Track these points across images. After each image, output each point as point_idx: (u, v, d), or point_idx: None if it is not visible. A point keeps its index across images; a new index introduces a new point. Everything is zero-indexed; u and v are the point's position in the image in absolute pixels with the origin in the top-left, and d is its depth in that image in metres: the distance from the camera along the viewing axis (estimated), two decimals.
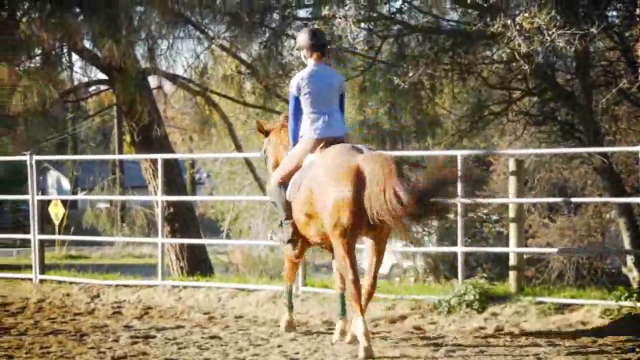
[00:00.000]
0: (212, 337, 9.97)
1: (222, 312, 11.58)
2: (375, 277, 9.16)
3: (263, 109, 17.05)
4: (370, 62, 15.32)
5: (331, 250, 9.51)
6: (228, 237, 28.41)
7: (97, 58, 15.13)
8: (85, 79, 16.77)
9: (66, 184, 55.53)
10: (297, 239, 9.78)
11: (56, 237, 27.86)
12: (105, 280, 13.14)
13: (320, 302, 11.27)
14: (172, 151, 17.33)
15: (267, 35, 15.24)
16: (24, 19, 14.78)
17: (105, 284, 12.99)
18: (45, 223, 14.21)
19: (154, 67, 15.43)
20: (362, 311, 8.88)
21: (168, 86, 17.38)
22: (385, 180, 8.58)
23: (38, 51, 14.84)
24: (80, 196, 39.62)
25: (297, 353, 9.10)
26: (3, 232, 24.31)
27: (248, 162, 18.91)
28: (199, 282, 12.70)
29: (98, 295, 12.63)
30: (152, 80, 16.34)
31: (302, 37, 9.84)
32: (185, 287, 12.54)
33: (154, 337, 10.05)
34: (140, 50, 15.30)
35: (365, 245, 9.46)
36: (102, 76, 16.23)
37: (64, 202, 36.57)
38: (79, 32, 14.30)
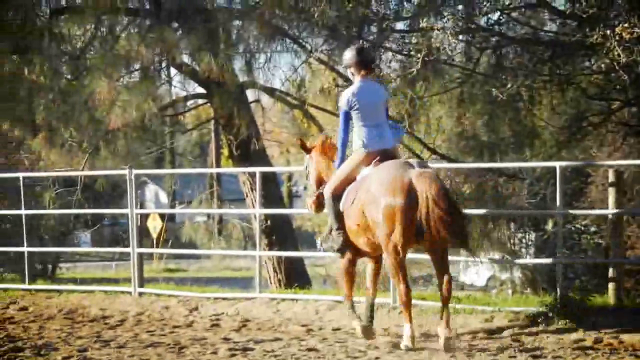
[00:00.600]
0: (309, 350, 9.93)
1: (319, 324, 11.55)
2: (448, 283, 9.62)
3: None
4: (468, 74, 15.18)
5: (376, 261, 10.45)
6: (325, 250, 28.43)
7: (196, 72, 15.27)
8: (184, 93, 16.95)
9: (164, 198, 56.19)
10: (347, 248, 10.32)
11: (154, 250, 28.21)
12: (204, 293, 13.23)
13: (418, 314, 11.16)
14: (270, 164, 17.38)
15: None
16: (123, 35, 14.97)
17: (204, 296, 13.07)
18: (144, 236, 14.36)
19: (252, 81, 15.51)
20: (411, 318, 9.64)
21: (265, 99, 17.44)
22: (433, 196, 9.33)
23: (137, 66, 15.02)
24: (178, 209, 40.03)
25: None
26: (102, 245, 24.66)
27: None
28: (296, 295, 12.71)
29: (196, 308, 12.69)
30: (250, 94, 16.43)
31: (349, 55, 10.38)
32: (283, 300, 12.56)
33: (252, 349, 10.05)
34: (238, 64, 15.38)
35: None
36: (200, 90, 16.38)
37: (161, 215, 37.10)
38: (177, 46, 14.43)
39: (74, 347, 10.52)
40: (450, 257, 9.88)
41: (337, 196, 10.29)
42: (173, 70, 16.31)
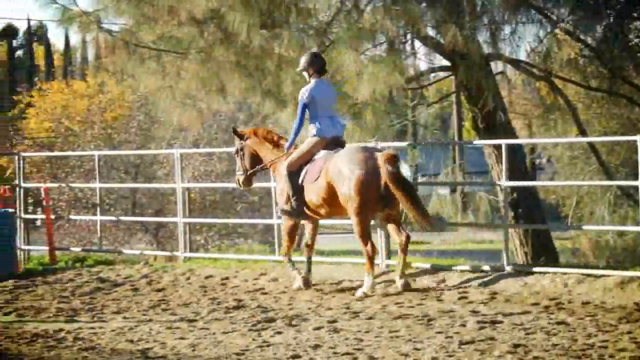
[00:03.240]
0: (559, 323, 9.79)
1: (568, 297, 11.34)
2: (407, 238, 12.26)
3: (607, 92, 16.55)
4: None
5: (315, 224, 13.13)
6: (572, 223, 27.82)
7: (440, 44, 15.19)
8: (428, 66, 16.90)
9: (406, 171, 56.42)
10: (302, 214, 12.71)
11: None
12: (451, 266, 13.22)
13: None
14: (516, 136, 17.09)
15: (611, 18, 14.76)
16: (367, 8, 15.06)
17: (451, 269, 13.07)
18: None
19: (497, 53, 15.31)
20: (373, 270, 12.25)
21: (509, 71, 17.16)
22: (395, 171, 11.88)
23: (382, 39, 15.08)
24: (422, 182, 40.06)
25: None
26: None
27: (592, 147, 18.34)
28: (544, 268, 12.52)
29: (444, 280, 12.69)
30: (494, 66, 16.20)
31: (305, 60, 12.64)
32: (530, 273, 12.40)
33: (500, 322, 9.99)
34: (482, 36, 15.21)
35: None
36: (444, 63, 16.30)
37: None
38: (422, 19, 14.40)
39: (324, 318, 10.74)
40: None
41: (293, 172, 12.64)
42: (417, 43, 16.31)
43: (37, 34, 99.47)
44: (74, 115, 31.35)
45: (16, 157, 18.25)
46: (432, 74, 18.28)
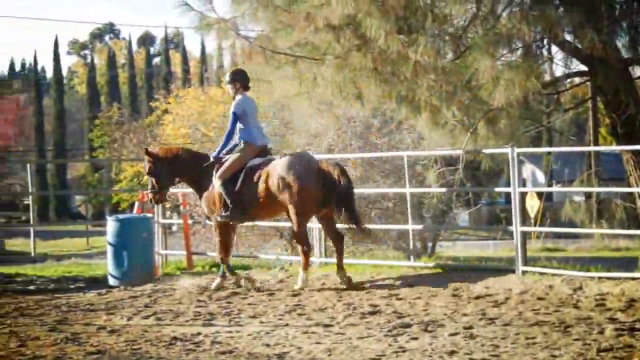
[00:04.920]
0: None
1: None
2: (342, 239, 14.01)
3: None
4: None
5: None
6: None
7: (577, 50, 14.96)
8: (564, 71, 16.64)
9: (541, 177, 55.73)
10: (240, 218, 14.02)
11: (536, 229, 28.08)
12: (588, 273, 13.02)
13: None
14: None
15: None
16: (504, 13, 14.92)
17: (588, 276, 12.87)
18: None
19: (636, 57, 14.99)
20: (306, 267, 13.86)
21: None
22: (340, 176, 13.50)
23: (518, 44, 14.92)
24: (557, 189, 39.54)
25: None
26: (479, 224, 24.76)
27: None
28: None
29: (580, 287, 12.50)
30: (634, 71, 15.87)
31: (231, 75, 14.28)
32: None
33: (639, 330, 9.81)
34: (621, 40, 14.91)
35: None
36: (581, 68, 16.03)
37: (539, 194, 36.83)
38: (559, 23, 14.19)
39: (459, 323, 10.71)
40: None
41: (227, 179, 13.77)
42: (554, 48, 16.08)
43: (173, 41, 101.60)
44: (209, 121, 31.88)
45: None
46: (568, 80, 17.99)
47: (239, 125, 14.05)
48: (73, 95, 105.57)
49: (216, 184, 13.95)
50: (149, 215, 16.73)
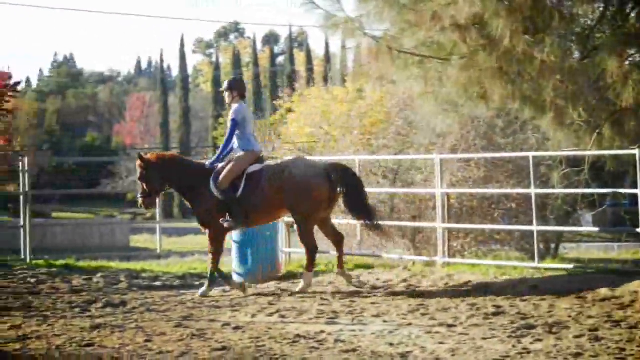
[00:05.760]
0: None
1: None
2: (342, 239, 14.64)
3: None
4: None
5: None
6: None
7: None
8: None
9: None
10: (242, 223, 14.16)
11: None
12: None
13: None
14: None
15: None
16: (632, 13, 14.66)
17: None
18: None
19: None
20: (311, 270, 14.31)
21: None
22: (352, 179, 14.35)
23: None
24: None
25: None
26: (603, 226, 24.34)
27: None
28: None
29: None
30: None
31: (228, 84, 14.46)
32: None
33: None
34: None
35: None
36: None
37: None
38: None
39: (584, 326, 10.59)
40: None
41: (227, 186, 13.98)
42: None
43: (297, 40, 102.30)
44: (333, 120, 32.00)
45: None
46: None
47: (236, 133, 14.24)
48: (198, 94, 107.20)
49: (216, 191, 14.09)
50: None
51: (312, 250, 14.28)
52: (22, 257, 17.68)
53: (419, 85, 14.24)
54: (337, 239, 14.57)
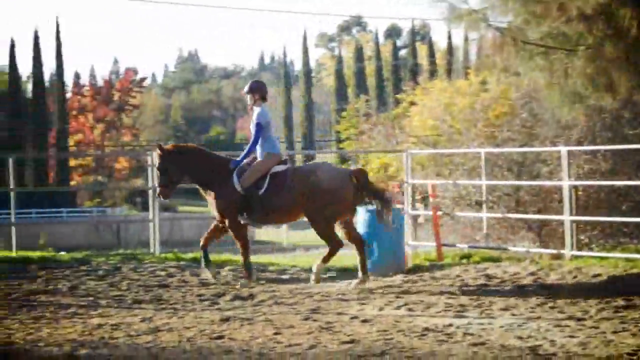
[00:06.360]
0: None
1: None
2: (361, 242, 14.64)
3: None
4: None
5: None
6: None
7: None
8: None
9: None
10: (262, 222, 14.72)
11: None
12: None
13: None
14: None
15: None
16: None
17: None
18: None
19: None
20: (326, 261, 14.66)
21: None
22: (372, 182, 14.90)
23: None
24: None
25: None
26: None
27: None
28: None
29: None
30: None
31: (250, 87, 14.68)
32: None
33: None
34: None
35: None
36: None
37: None
38: None
39: None
40: None
41: (251, 186, 14.21)
42: None
43: (420, 33, 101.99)
44: (456, 113, 31.83)
45: (404, 154, 18.88)
46: None
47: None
48: (321, 88, 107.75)
49: (239, 187, 14.29)
50: (399, 206, 16.94)
51: (336, 248, 14.55)
52: (152, 250, 18.03)
53: (544, 76, 14.10)
54: (358, 242, 14.64)
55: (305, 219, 14.58)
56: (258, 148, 14.45)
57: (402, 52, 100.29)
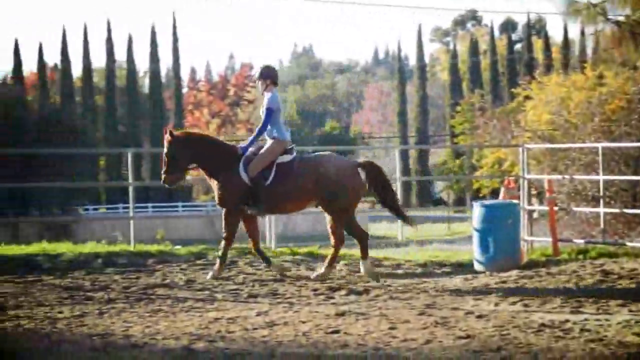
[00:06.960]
0: None
1: None
2: (365, 236, 14.62)
3: None
4: None
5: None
6: None
7: None
8: None
9: None
10: (268, 210, 14.56)
11: None
12: None
13: None
14: None
15: None
16: None
17: None
18: None
19: None
20: (366, 256, 14.54)
21: None
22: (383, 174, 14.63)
23: None
24: None
25: None
26: None
27: None
28: None
29: None
30: None
31: (261, 72, 14.63)
32: None
33: None
34: None
35: None
36: None
37: None
38: None
39: None
40: None
41: (257, 174, 14.09)
42: None
43: (535, 27, 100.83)
44: (572, 108, 31.43)
45: (520, 149, 18.77)
46: None
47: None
48: (435, 82, 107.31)
49: (245, 177, 14.20)
50: (515, 201, 16.85)
51: (364, 238, 14.54)
52: (267, 244, 18.22)
53: None
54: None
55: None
56: (266, 134, 14.41)
57: (517, 46, 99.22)
